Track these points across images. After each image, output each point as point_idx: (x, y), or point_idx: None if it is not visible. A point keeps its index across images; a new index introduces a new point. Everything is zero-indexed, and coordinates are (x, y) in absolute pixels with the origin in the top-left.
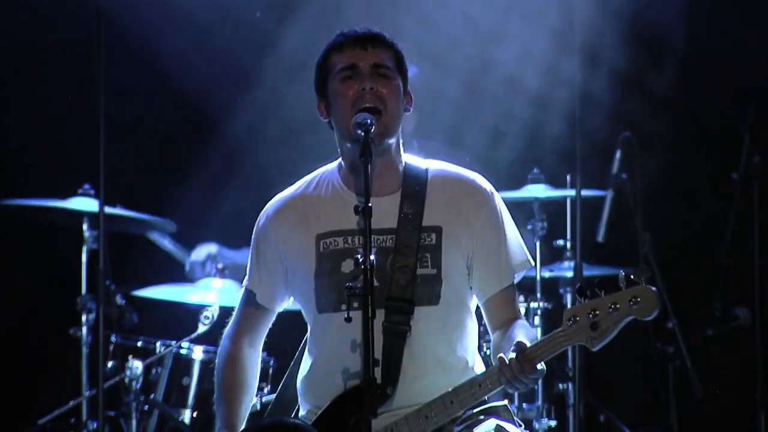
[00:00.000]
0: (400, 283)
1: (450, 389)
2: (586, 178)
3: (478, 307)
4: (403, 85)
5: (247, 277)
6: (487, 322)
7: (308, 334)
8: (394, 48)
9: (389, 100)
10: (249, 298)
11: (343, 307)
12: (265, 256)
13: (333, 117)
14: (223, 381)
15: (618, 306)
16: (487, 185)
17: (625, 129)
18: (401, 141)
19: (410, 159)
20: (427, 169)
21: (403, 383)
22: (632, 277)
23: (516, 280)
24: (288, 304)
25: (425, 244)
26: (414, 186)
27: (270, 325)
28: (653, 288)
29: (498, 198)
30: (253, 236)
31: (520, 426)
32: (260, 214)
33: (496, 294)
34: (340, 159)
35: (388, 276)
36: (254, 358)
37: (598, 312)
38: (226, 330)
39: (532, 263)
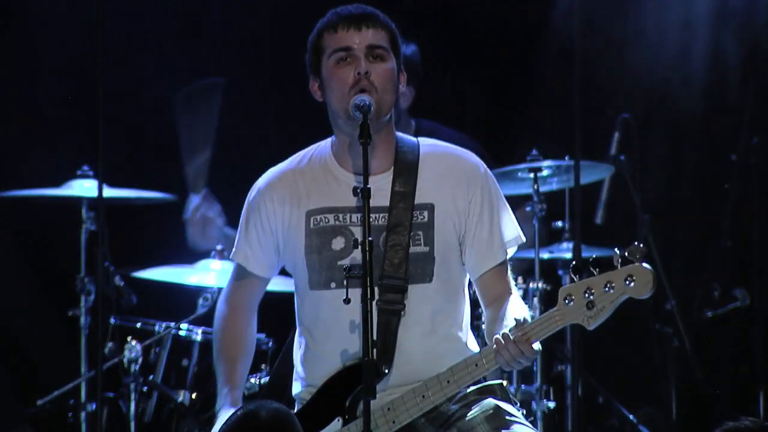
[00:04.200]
0: (394, 262)
1: (446, 368)
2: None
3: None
4: (397, 63)
5: (236, 251)
6: (480, 298)
7: (297, 310)
8: (389, 27)
9: (383, 81)
10: (241, 271)
11: (333, 284)
12: (257, 230)
13: (328, 98)
14: (222, 340)
15: (613, 285)
16: (479, 162)
17: (624, 110)
18: (394, 119)
19: (401, 135)
20: (418, 146)
21: (398, 362)
22: (627, 255)
23: (508, 256)
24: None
25: (418, 221)
26: (406, 163)
27: (264, 291)
28: (648, 266)
29: (489, 174)
30: (243, 209)
31: (516, 404)
32: (251, 188)
33: (489, 270)
34: (332, 136)
35: (381, 255)
36: (251, 319)
37: (593, 291)
38: (221, 296)
39: (524, 239)
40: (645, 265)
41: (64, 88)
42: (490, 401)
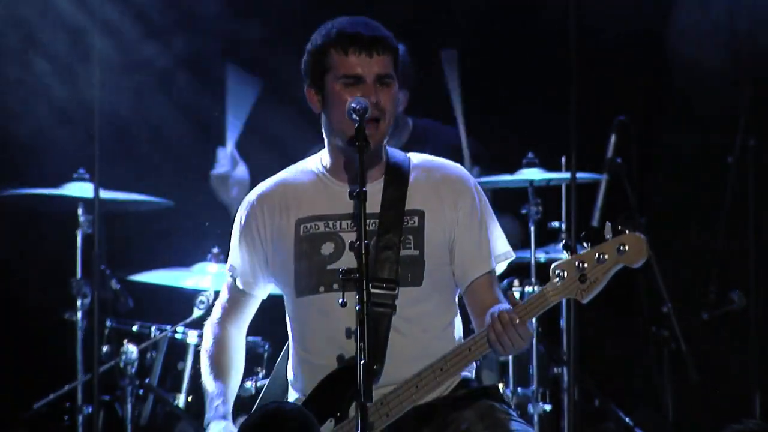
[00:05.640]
0: (384, 265)
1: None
2: (580, 161)
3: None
4: (398, 82)
5: (229, 263)
6: (469, 310)
7: (288, 320)
8: (395, 49)
9: (388, 108)
10: (233, 284)
11: (322, 288)
12: (247, 243)
13: (328, 115)
14: (213, 362)
15: (606, 255)
16: (468, 175)
17: (621, 112)
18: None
19: (392, 149)
20: (409, 159)
21: (389, 363)
22: (618, 226)
23: (498, 270)
24: (271, 289)
25: (408, 226)
26: (397, 173)
27: (256, 310)
28: (641, 234)
29: (479, 188)
30: (234, 224)
31: (511, 407)
32: (242, 202)
33: (477, 279)
34: (323, 150)
35: (371, 257)
36: (240, 342)
37: (585, 263)
38: (212, 316)
39: (514, 255)
40: (637, 233)
41: (62, 90)
42: (485, 402)
